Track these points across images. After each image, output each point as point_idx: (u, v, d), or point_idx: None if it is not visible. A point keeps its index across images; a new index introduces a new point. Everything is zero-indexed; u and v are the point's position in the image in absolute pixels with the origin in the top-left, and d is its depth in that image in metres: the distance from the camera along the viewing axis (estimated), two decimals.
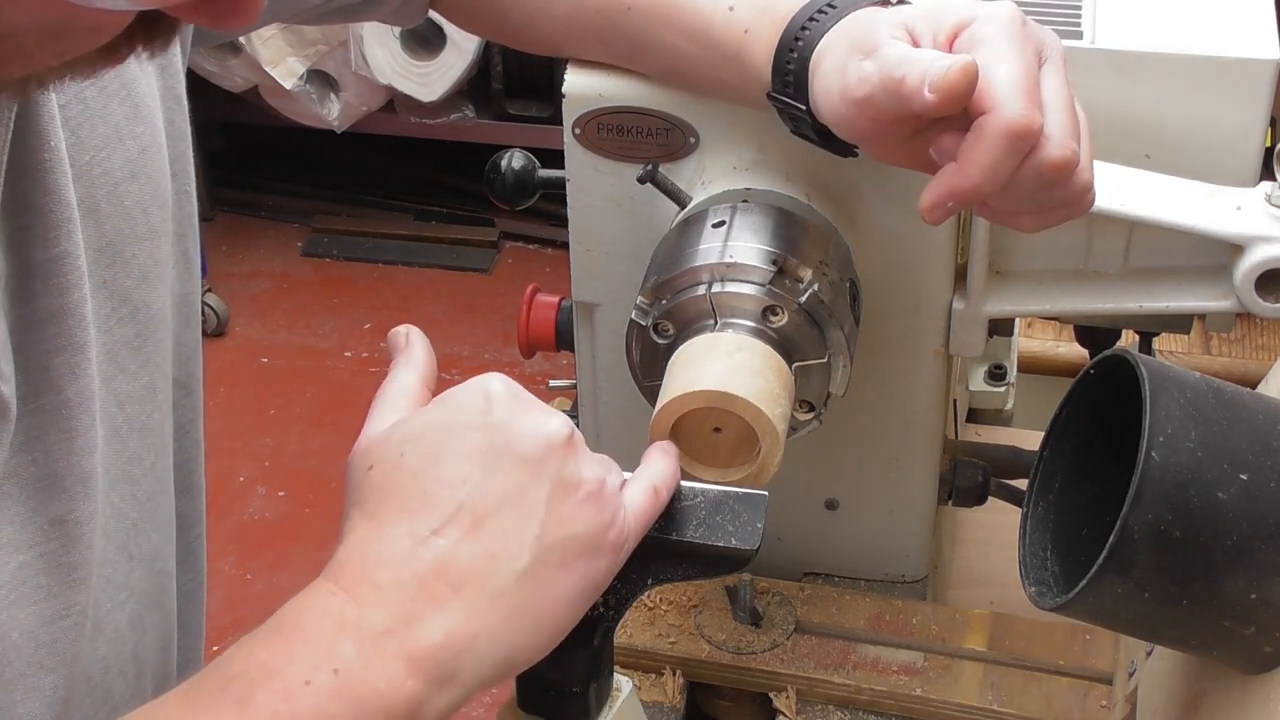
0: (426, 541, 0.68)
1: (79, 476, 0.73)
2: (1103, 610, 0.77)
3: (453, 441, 0.70)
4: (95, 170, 0.75)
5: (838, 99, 0.84)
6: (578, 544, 0.70)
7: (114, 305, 0.78)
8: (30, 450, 0.72)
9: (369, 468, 0.70)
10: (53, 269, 0.71)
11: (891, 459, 1.09)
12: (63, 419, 0.72)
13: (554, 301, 1.13)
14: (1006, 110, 0.79)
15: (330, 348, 3.35)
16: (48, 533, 0.72)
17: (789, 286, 0.89)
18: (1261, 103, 1.01)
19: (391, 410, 0.74)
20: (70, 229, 0.72)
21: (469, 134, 3.43)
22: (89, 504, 0.74)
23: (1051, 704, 1.03)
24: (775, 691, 1.06)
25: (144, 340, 0.80)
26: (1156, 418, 0.73)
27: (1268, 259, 0.96)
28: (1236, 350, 1.82)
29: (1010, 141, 0.79)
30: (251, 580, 2.79)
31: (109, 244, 0.77)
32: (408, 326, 0.78)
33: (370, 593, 0.66)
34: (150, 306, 0.80)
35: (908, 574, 1.14)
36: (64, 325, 0.72)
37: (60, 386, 0.72)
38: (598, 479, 0.71)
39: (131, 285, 0.79)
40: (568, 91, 1.00)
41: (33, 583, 0.71)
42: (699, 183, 1.00)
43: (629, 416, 1.07)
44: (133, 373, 0.79)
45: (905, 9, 0.85)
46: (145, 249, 0.80)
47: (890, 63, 0.81)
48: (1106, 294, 1.01)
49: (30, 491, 0.72)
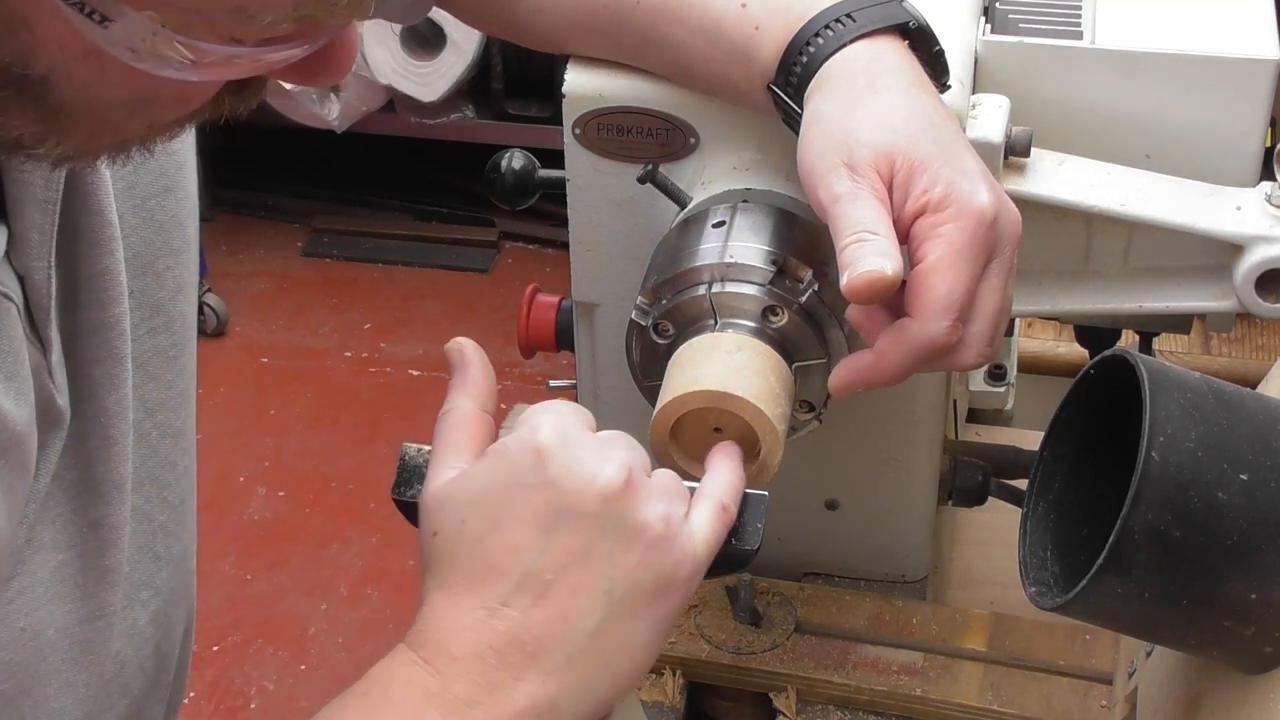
0: (498, 613, 0.69)
1: (115, 482, 0.76)
2: (1103, 610, 0.77)
3: (510, 505, 0.70)
4: (120, 184, 0.77)
5: (806, 169, 0.86)
6: (648, 590, 0.71)
7: (144, 315, 0.80)
8: (73, 455, 0.74)
9: (434, 534, 0.72)
10: (96, 284, 0.74)
11: (891, 459, 1.09)
12: (101, 426, 0.75)
13: (554, 301, 1.13)
14: (930, 326, 0.82)
15: (330, 348, 3.35)
16: (86, 535, 0.75)
17: (789, 286, 0.89)
18: (1261, 103, 1.01)
19: (452, 451, 0.74)
20: (112, 246, 0.75)
21: (469, 134, 3.43)
22: (123, 509, 0.76)
23: (1051, 704, 1.03)
24: (775, 691, 1.05)
25: (179, 350, 0.83)
26: (1156, 418, 0.73)
27: (1268, 259, 0.96)
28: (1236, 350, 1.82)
29: (926, 353, 0.83)
30: (251, 580, 2.79)
31: (136, 255, 0.79)
32: (465, 341, 0.79)
33: (450, 665, 0.69)
34: (185, 316, 0.83)
35: (908, 574, 1.14)
36: (104, 337, 0.75)
37: (100, 395, 0.75)
38: (661, 518, 0.71)
39: (166, 297, 0.81)
40: (568, 91, 1.00)
41: (70, 582, 0.74)
42: (699, 183, 1.00)
43: (629, 416, 1.06)
44: (167, 381, 0.82)
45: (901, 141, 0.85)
46: (181, 261, 0.82)
47: (837, 221, 0.83)
48: (1106, 294, 1.01)
49: (72, 494, 0.74)
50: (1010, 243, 0.85)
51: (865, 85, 0.86)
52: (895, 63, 0.88)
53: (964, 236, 0.82)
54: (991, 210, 0.83)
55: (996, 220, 0.84)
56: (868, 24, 0.88)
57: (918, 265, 0.83)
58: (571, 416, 0.73)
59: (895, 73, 0.87)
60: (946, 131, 0.86)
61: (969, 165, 0.85)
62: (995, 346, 0.86)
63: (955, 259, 0.82)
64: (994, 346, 0.86)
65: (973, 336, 0.84)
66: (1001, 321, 0.86)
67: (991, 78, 1.04)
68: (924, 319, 0.82)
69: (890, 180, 0.84)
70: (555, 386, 1.25)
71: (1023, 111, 1.00)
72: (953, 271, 0.82)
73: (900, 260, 0.81)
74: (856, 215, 0.82)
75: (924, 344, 0.82)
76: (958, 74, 0.95)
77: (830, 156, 0.85)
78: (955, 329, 0.82)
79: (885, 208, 0.83)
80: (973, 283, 0.83)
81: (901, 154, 0.84)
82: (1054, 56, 1.04)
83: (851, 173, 0.84)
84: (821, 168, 0.85)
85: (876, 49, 0.88)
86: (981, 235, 0.83)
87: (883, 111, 0.85)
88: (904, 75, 0.88)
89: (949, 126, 0.87)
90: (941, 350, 0.83)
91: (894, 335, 0.83)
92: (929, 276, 0.82)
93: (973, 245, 0.83)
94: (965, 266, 0.82)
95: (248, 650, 2.65)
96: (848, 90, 0.87)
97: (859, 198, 0.83)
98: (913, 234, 0.84)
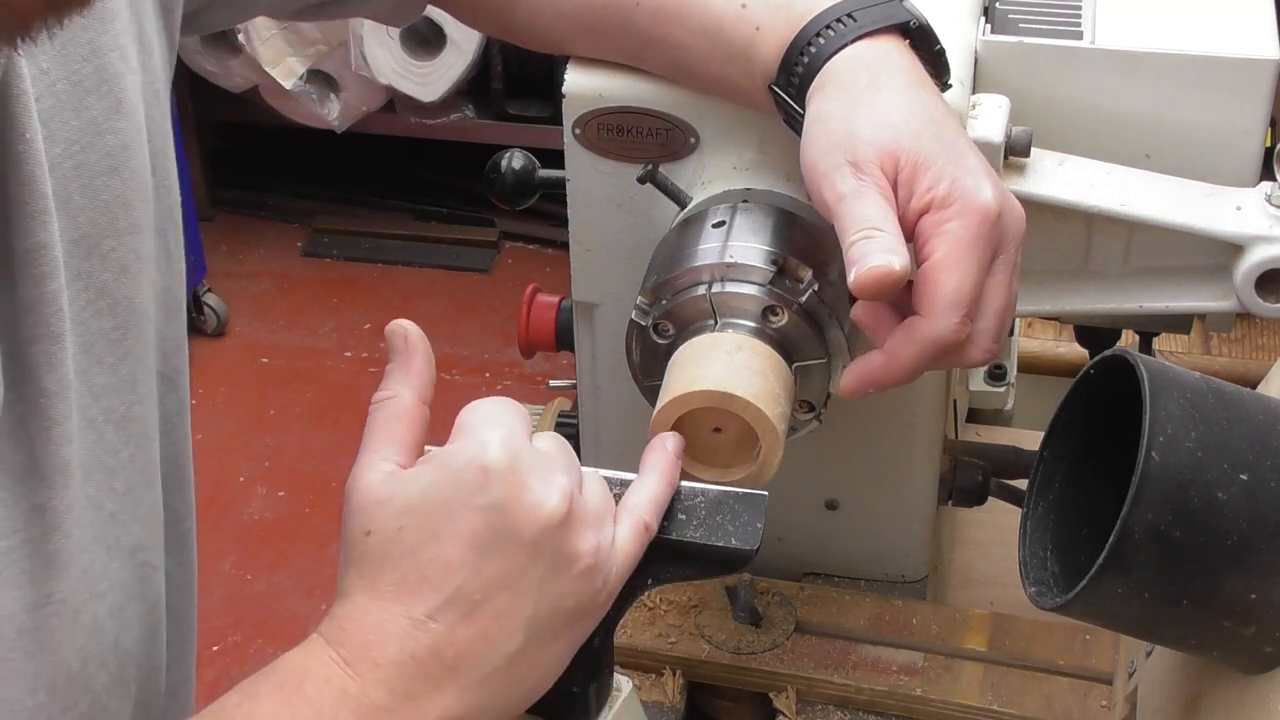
0: (424, 626, 0.70)
1: (57, 466, 0.74)
2: (1103, 610, 0.77)
3: (450, 521, 0.70)
4: (67, 163, 0.75)
5: (809, 168, 0.86)
6: (569, 615, 0.73)
7: (90, 298, 0.78)
8: (15, 438, 0.72)
9: (366, 532, 0.72)
10: (30, 259, 0.72)
11: (891, 459, 1.09)
12: (41, 408, 0.73)
13: (554, 301, 1.13)
14: (939, 323, 0.82)
15: (330, 348, 3.35)
16: (31, 519, 0.73)
17: (789, 286, 0.89)
18: (1261, 103, 1.01)
19: (386, 443, 0.74)
20: (46, 220, 0.73)
21: (469, 134, 3.43)
22: (67, 493, 0.75)
23: (1051, 704, 1.03)
24: (775, 691, 1.05)
25: (123, 334, 0.80)
26: (1156, 418, 0.73)
27: (1268, 259, 0.96)
28: (1236, 350, 1.81)
29: (936, 350, 0.83)
30: (251, 580, 2.79)
31: (84, 237, 0.77)
32: (406, 324, 0.78)
33: (370, 670, 0.69)
34: (131, 300, 0.81)
35: (908, 574, 1.14)
36: (41, 315, 0.73)
37: (38, 376, 0.73)
38: (592, 549, 0.72)
39: (110, 279, 0.79)
40: (568, 91, 1.00)
41: (16, 568, 0.72)
42: (699, 183, 1.00)
43: (629, 416, 1.07)
44: (110, 366, 0.80)
45: (904, 139, 0.85)
46: (125, 243, 0.80)
47: (842, 219, 0.83)
48: (1106, 294, 1.01)
49: (15, 479, 0.72)
50: (1014, 239, 0.85)
51: (868, 84, 0.87)
52: (897, 62, 0.88)
53: (969, 233, 0.83)
54: (996, 207, 0.83)
55: (1001, 217, 0.84)
56: (869, 23, 0.89)
57: (924, 263, 0.83)
58: (518, 429, 0.73)
59: (897, 72, 0.87)
60: (949, 129, 0.86)
61: (972, 162, 0.85)
62: (1001, 343, 0.86)
63: (962, 255, 0.82)
64: (1000, 343, 0.86)
65: (980, 333, 0.84)
66: (1007, 317, 0.86)
67: (991, 78, 1.04)
68: (933, 316, 0.82)
69: (894, 178, 0.84)
70: (555, 386, 1.25)
71: (1023, 111, 1.00)
72: (960, 268, 0.82)
73: (907, 256, 0.81)
74: (862, 213, 0.82)
75: (934, 341, 0.82)
76: (958, 74, 0.95)
77: (834, 155, 0.85)
78: (964, 325, 0.82)
79: (890, 205, 0.83)
80: (980, 278, 0.83)
81: (905, 152, 0.84)
82: (1054, 56, 1.04)
83: (856, 170, 0.84)
84: (825, 166, 0.85)
85: (878, 48, 0.88)
86: (986, 232, 0.83)
87: (885, 110, 0.85)
88: (906, 74, 0.88)
89: (951, 124, 0.87)
90: (951, 347, 0.83)
91: (904, 334, 0.83)
92: (937, 273, 0.82)
93: (978, 242, 0.83)
94: (972, 262, 0.83)
95: (248, 650, 2.65)
96: (850, 89, 0.87)
97: (864, 195, 0.83)
98: (918, 231, 0.84)
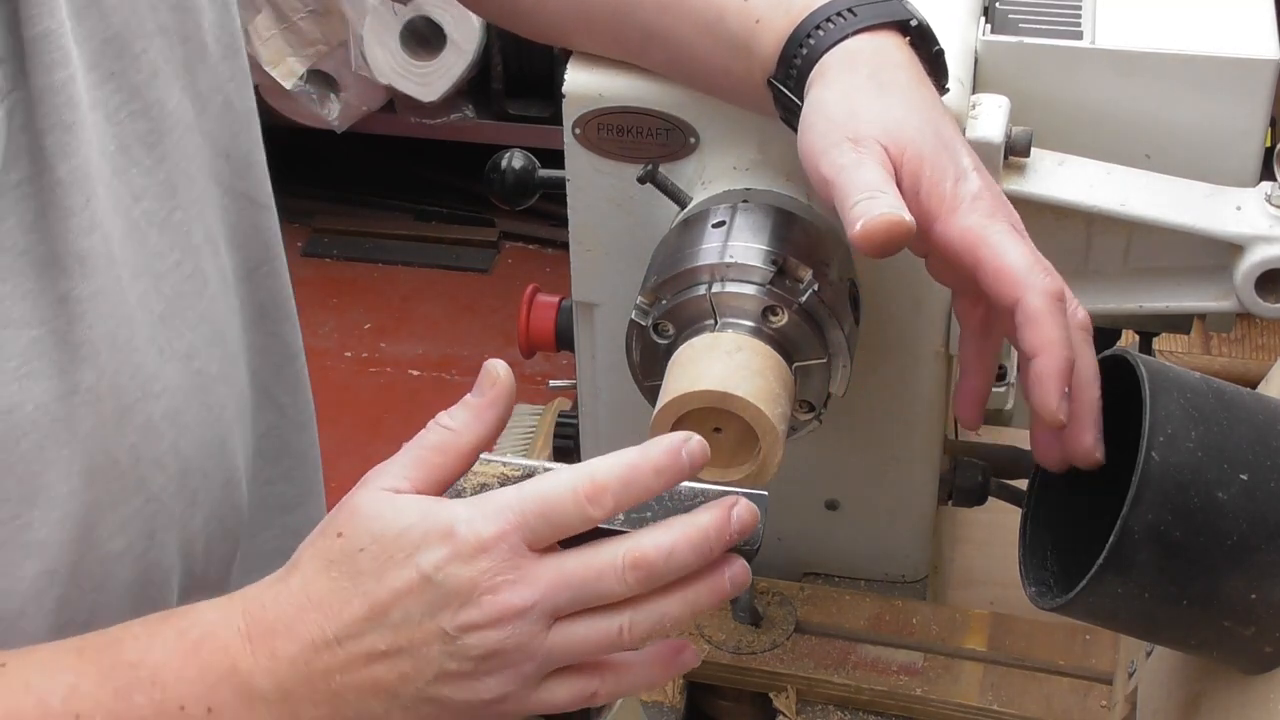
0: (330, 644, 0.71)
1: (76, 256, 0.75)
2: (1103, 610, 0.77)
3: (403, 573, 0.71)
4: None
5: (807, 149, 0.85)
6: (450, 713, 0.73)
7: (124, 98, 0.80)
8: (37, 230, 0.74)
9: (339, 534, 0.73)
10: (39, 46, 0.73)
11: (891, 459, 1.09)
12: (58, 198, 0.74)
13: (554, 301, 1.13)
14: (1040, 284, 0.79)
15: (330, 348, 3.35)
16: (56, 309, 0.75)
17: (789, 286, 0.89)
18: (1261, 103, 1.01)
19: (416, 465, 0.74)
20: (53, 7, 0.73)
21: (469, 134, 3.43)
22: (88, 283, 0.76)
23: (1051, 704, 1.03)
24: (775, 691, 1.05)
25: (159, 138, 0.82)
26: (1156, 418, 0.73)
27: (1268, 259, 0.96)
28: (1236, 350, 1.81)
29: (1058, 305, 0.79)
30: None
31: (115, 35, 0.78)
32: (501, 368, 0.81)
33: (267, 659, 0.71)
34: (164, 104, 0.82)
35: (908, 574, 1.14)
36: (51, 104, 0.74)
37: (53, 165, 0.74)
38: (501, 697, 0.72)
39: (142, 81, 0.80)
40: (568, 91, 1.00)
41: (45, 358, 0.74)
42: (699, 183, 1.00)
43: (629, 416, 1.07)
44: (147, 168, 0.81)
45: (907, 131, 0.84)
46: (155, 45, 0.81)
47: (842, 187, 0.81)
48: (1106, 294, 1.01)
49: (40, 269, 0.74)
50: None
51: (868, 76, 0.86)
52: (897, 58, 0.88)
53: (1001, 211, 0.83)
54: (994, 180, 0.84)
55: (1001, 195, 0.84)
56: (869, 18, 0.88)
57: (983, 259, 0.81)
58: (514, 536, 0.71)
59: (897, 68, 0.87)
60: (947, 128, 0.86)
61: (968, 164, 0.85)
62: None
63: (1002, 234, 0.81)
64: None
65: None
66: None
67: (991, 78, 1.04)
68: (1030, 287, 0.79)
69: (899, 166, 0.83)
70: (555, 386, 1.25)
71: (1023, 111, 1.00)
72: (1009, 238, 0.81)
73: (914, 219, 0.79)
74: (863, 178, 0.81)
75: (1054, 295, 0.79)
76: (958, 74, 0.95)
77: (833, 134, 0.83)
78: (1054, 274, 0.80)
79: (891, 175, 0.81)
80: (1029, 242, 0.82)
81: (910, 143, 0.83)
82: (1054, 56, 1.04)
83: (855, 145, 0.82)
84: (824, 144, 0.83)
85: (877, 43, 0.88)
86: (1009, 209, 0.83)
87: (886, 103, 0.85)
88: (905, 71, 0.87)
89: (949, 123, 0.87)
90: (1063, 298, 0.80)
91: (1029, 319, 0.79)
92: (1003, 254, 0.80)
93: (1016, 228, 0.82)
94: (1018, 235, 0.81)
95: None
96: (850, 78, 0.86)
97: (864, 164, 0.81)
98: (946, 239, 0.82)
